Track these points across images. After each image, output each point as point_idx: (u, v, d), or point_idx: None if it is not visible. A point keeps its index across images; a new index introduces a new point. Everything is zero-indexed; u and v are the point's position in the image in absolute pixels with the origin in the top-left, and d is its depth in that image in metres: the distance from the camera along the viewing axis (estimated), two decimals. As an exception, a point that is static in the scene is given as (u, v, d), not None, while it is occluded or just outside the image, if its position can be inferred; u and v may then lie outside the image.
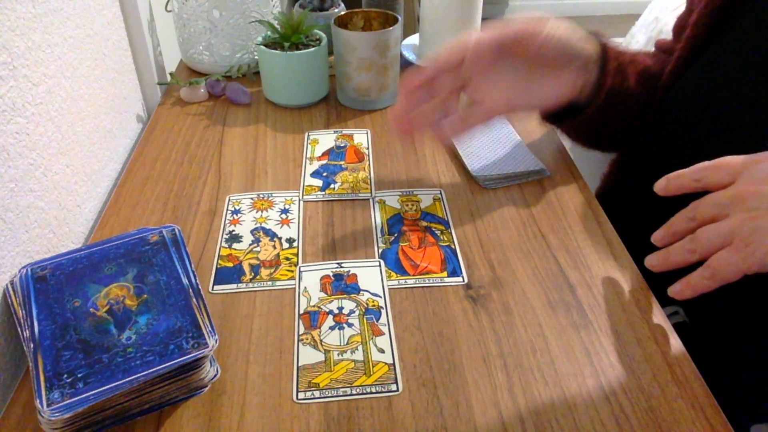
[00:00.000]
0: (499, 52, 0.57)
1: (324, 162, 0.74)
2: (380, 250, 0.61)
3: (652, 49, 0.76)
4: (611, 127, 0.67)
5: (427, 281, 0.57)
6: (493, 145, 0.76)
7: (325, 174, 0.72)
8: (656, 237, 0.50)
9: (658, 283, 0.56)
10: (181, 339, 0.46)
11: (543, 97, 0.61)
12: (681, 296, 0.46)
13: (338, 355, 0.51)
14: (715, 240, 0.44)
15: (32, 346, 0.45)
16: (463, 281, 0.57)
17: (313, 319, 0.54)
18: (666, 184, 0.49)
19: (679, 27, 0.69)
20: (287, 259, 0.60)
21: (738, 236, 0.42)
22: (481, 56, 0.57)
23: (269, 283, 0.57)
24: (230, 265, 0.59)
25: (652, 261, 0.50)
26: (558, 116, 0.67)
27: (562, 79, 0.60)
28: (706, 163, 0.47)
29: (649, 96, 0.66)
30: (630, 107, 0.65)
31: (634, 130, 0.69)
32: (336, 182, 0.71)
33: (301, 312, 0.54)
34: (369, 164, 0.74)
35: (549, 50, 0.57)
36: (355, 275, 0.58)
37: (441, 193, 0.69)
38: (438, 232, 0.63)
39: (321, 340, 0.52)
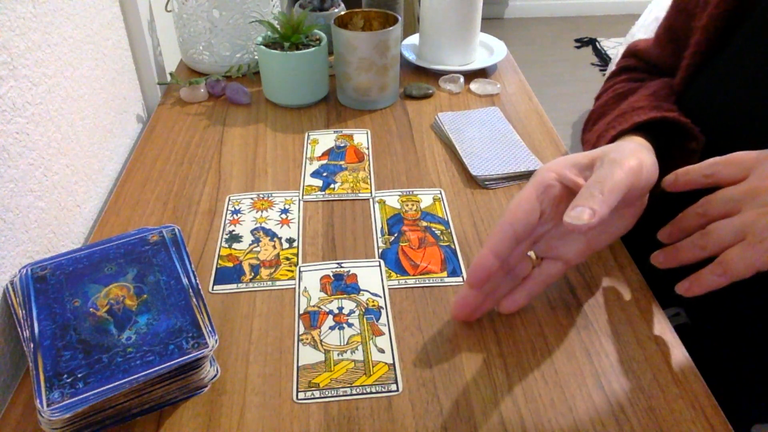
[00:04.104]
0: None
1: (324, 162, 0.74)
2: (380, 250, 0.61)
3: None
4: None
5: (427, 281, 0.57)
6: (493, 145, 0.76)
7: (325, 174, 0.72)
8: (663, 233, 0.49)
9: (658, 283, 0.56)
10: (181, 339, 0.46)
11: (620, 230, 0.52)
12: (690, 293, 0.45)
13: (338, 355, 0.51)
14: (727, 236, 0.43)
15: (32, 346, 0.45)
16: (464, 281, 0.57)
17: (313, 319, 0.54)
18: (675, 179, 0.48)
19: (677, 31, 0.67)
20: (287, 259, 0.60)
21: (751, 232, 0.41)
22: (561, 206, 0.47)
23: (269, 283, 0.57)
24: (230, 265, 0.59)
25: (659, 258, 0.48)
26: None
27: (639, 204, 0.51)
28: (718, 158, 0.46)
29: None
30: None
31: None
32: (336, 182, 0.71)
33: (301, 312, 0.54)
34: (369, 164, 0.74)
35: (639, 194, 0.49)
36: (355, 275, 0.58)
37: (441, 193, 0.69)
38: (438, 232, 0.63)
39: (321, 340, 0.52)
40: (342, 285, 0.57)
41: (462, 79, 0.91)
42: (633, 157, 0.46)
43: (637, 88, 0.66)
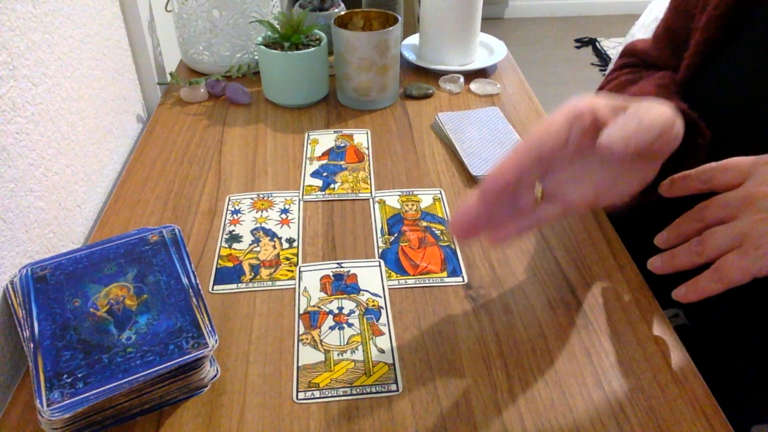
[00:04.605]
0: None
1: (324, 162, 0.74)
2: (380, 250, 0.61)
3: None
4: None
5: (427, 281, 0.57)
6: (493, 144, 0.76)
7: (325, 174, 0.72)
8: (660, 239, 0.49)
9: (658, 284, 0.56)
10: (181, 339, 0.46)
11: (631, 188, 0.48)
12: (686, 299, 0.45)
13: (338, 355, 0.51)
14: (724, 242, 0.42)
15: (32, 346, 0.45)
16: (463, 281, 0.57)
17: (313, 319, 0.54)
18: (670, 185, 0.48)
19: (676, 32, 0.67)
20: (287, 259, 0.60)
21: (748, 238, 0.41)
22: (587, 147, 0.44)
23: (269, 283, 0.57)
24: (230, 265, 0.59)
25: (655, 263, 0.47)
26: None
27: (653, 166, 0.48)
28: (714, 163, 0.46)
29: None
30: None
31: None
32: (336, 182, 0.71)
33: (301, 312, 0.54)
34: (369, 164, 0.74)
35: (664, 147, 0.45)
36: (355, 275, 0.58)
37: (441, 193, 0.69)
38: (438, 232, 0.63)
39: (321, 340, 0.52)
40: (342, 285, 0.57)
41: (462, 79, 0.91)
42: (667, 108, 0.43)
43: (644, 77, 0.66)
